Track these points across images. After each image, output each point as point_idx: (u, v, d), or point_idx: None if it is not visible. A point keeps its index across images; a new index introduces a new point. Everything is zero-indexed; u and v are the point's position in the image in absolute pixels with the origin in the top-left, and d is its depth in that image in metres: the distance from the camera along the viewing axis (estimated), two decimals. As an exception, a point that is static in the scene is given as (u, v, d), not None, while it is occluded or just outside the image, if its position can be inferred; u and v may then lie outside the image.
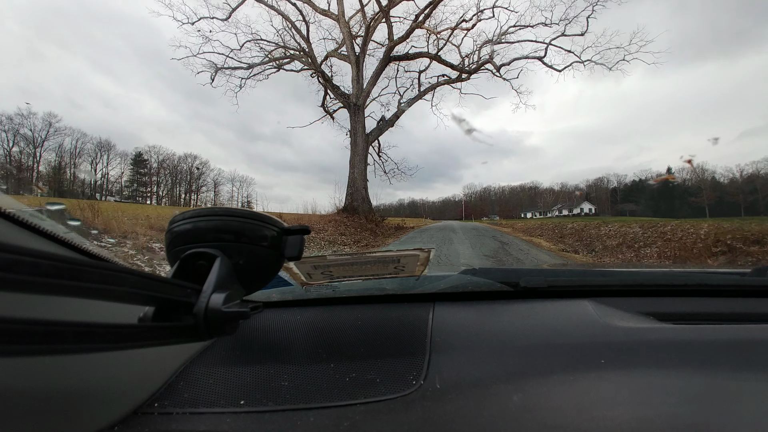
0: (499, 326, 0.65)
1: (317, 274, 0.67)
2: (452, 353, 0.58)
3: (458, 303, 0.75)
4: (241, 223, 0.43)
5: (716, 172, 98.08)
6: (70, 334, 0.22)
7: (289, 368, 0.56)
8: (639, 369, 0.51)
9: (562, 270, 1.15)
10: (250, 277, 0.45)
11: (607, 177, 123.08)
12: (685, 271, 0.98)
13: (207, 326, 0.35)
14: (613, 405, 0.43)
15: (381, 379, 0.53)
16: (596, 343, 0.57)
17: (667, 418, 0.39)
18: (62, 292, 0.22)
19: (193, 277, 0.39)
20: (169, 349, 0.54)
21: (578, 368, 0.52)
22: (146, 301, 0.31)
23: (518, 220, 49.17)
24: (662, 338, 0.57)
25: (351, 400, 0.49)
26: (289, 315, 0.71)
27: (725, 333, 0.59)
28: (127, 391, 0.46)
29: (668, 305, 0.74)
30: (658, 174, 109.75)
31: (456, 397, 0.47)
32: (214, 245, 0.41)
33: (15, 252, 0.19)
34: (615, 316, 0.66)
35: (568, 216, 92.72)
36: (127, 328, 0.27)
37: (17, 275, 0.19)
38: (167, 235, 0.44)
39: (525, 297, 0.77)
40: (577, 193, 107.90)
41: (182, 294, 0.35)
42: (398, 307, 0.74)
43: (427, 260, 0.67)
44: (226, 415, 0.47)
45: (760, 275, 0.80)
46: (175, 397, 0.50)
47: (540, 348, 0.58)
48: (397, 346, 0.60)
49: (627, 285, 0.81)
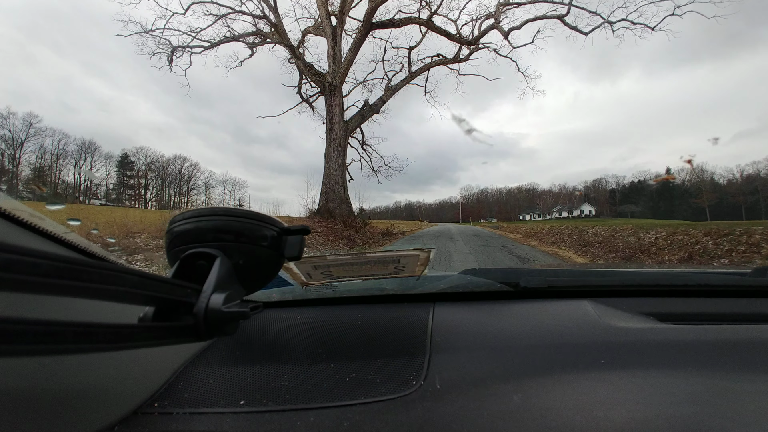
0: (499, 326, 0.65)
1: (317, 274, 0.67)
2: (452, 353, 0.58)
3: (458, 303, 0.75)
4: (241, 223, 0.43)
5: (715, 172, 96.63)
6: (70, 334, 0.22)
7: (289, 368, 0.56)
8: (639, 369, 0.50)
9: (563, 270, 1.14)
10: (250, 277, 0.44)
11: (605, 178, 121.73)
12: (686, 271, 0.96)
13: (207, 326, 0.35)
14: (613, 405, 0.42)
15: (381, 380, 0.53)
16: (596, 344, 0.57)
17: (667, 418, 0.39)
18: (62, 292, 0.22)
19: (193, 277, 0.39)
20: (169, 349, 0.55)
21: (578, 368, 0.52)
22: (146, 301, 0.31)
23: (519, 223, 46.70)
24: (662, 338, 0.57)
25: (351, 400, 0.49)
26: (289, 315, 0.71)
27: (726, 333, 0.58)
28: (127, 391, 0.46)
29: (669, 305, 0.73)
30: (656, 175, 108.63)
31: (456, 398, 0.47)
32: (214, 245, 0.41)
33: (15, 252, 0.19)
34: (615, 317, 0.66)
35: (569, 218, 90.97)
36: (127, 328, 0.27)
37: (17, 275, 0.19)
38: (167, 235, 0.44)
39: (525, 297, 0.77)
40: (576, 194, 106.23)
41: (182, 294, 0.34)
42: (398, 307, 0.74)
43: (428, 260, 0.67)
44: (226, 415, 0.47)
45: (761, 275, 0.79)
46: (175, 397, 0.50)
47: (540, 348, 0.57)
48: (397, 346, 0.60)
49: (627, 285, 0.80)
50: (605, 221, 18.04)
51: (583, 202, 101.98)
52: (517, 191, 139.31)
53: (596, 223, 13.14)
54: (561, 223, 18.04)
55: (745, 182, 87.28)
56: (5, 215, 0.36)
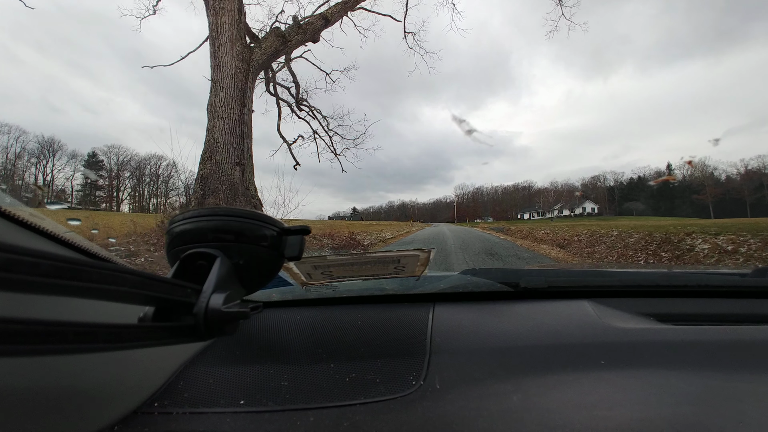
0: (499, 327, 0.65)
1: (317, 274, 0.67)
2: (452, 354, 0.58)
3: (458, 303, 0.75)
4: (242, 223, 0.43)
5: (717, 168, 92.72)
6: (70, 334, 0.22)
7: (289, 368, 0.56)
8: (639, 370, 0.50)
9: (563, 270, 1.14)
10: (250, 277, 0.44)
11: (603, 175, 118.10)
12: (685, 271, 0.95)
13: (207, 326, 0.35)
14: (613, 405, 0.42)
15: (381, 380, 0.53)
16: (596, 344, 0.57)
17: (666, 418, 0.39)
18: (62, 292, 0.22)
19: (193, 277, 0.38)
20: (169, 349, 0.55)
21: (578, 369, 0.51)
22: (146, 301, 0.31)
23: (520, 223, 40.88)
24: (662, 339, 0.57)
25: (351, 400, 0.49)
26: (289, 315, 0.70)
27: (725, 334, 0.58)
28: (127, 391, 0.46)
29: (668, 306, 0.73)
30: (656, 171, 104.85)
31: (456, 398, 0.47)
32: (214, 245, 0.41)
33: (15, 252, 0.19)
34: (615, 317, 0.66)
35: (571, 217, 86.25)
36: (127, 328, 0.27)
37: (17, 275, 0.19)
38: (167, 236, 0.43)
39: (525, 297, 0.77)
40: (577, 194, 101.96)
41: (182, 294, 0.34)
42: (398, 307, 0.74)
43: (428, 260, 0.67)
44: (226, 415, 0.47)
45: (761, 276, 0.78)
46: (175, 397, 0.50)
47: (540, 348, 0.57)
48: (397, 347, 0.60)
49: (627, 286, 0.79)
50: (613, 219, 12.97)
51: (585, 200, 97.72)
52: (513, 189, 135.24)
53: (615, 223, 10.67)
54: (577, 223, 13.59)
55: (744, 178, 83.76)
56: (5, 215, 0.37)
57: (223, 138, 6.53)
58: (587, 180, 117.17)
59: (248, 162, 7.02)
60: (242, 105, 6.78)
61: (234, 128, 6.64)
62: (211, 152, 6.51)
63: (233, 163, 6.57)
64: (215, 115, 6.60)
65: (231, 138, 6.59)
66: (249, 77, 7.02)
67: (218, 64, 6.70)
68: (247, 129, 7.00)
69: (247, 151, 6.99)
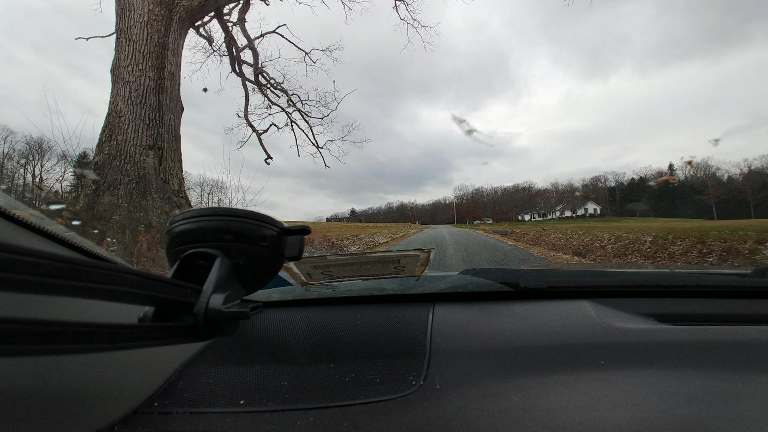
0: (499, 327, 0.64)
1: (317, 274, 0.67)
2: (452, 354, 0.58)
3: (458, 303, 0.75)
4: (242, 223, 0.42)
5: (720, 168, 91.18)
6: (70, 334, 0.22)
7: (289, 368, 0.56)
8: (639, 370, 0.51)
9: (563, 270, 1.13)
10: (250, 277, 0.44)
11: (604, 175, 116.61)
12: (685, 272, 0.95)
13: (207, 326, 0.35)
14: (613, 405, 0.43)
15: (381, 380, 0.53)
16: (596, 344, 0.57)
17: (666, 418, 0.39)
18: (62, 292, 0.22)
19: (193, 277, 0.38)
20: (169, 349, 0.55)
21: (578, 369, 0.52)
22: (146, 301, 0.31)
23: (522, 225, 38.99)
24: (662, 339, 0.57)
25: (351, 400, 0.49)
26: (289, 315, 0.70)
27: (725, 334, 0.58)
28: (127, 391, 0.47)
29: (668, 306, 0.73)
30: (657, 172, 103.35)
31: (456, 398, 0.47)
32: (214, 245, 0.41)
33: (15, 252, 0.19)
34: (615, 317, 0.66)
35: (573, 218, 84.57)
36: (127, 328, 0.27)
37: (17, 275, 0.19)
38: (167, 236, 0.43)
39: (525, 297, 0.76)
40: (577, 194, 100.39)
41: (182, 294, 0.34)
42: (398, 307, 0.74)
43: (428, 261, 0.67)
44: (225, 414, 0.47)
45: (760, 276, 0.78)
46: (175, 396, 0.50)
47: (540, 348, 0.57)
48: (397, 347, 0.60)
49: (627, 286, 0.79)
50: (618, 221, 11.20)
51: (587, 201, 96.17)
52: (513, 190, 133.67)
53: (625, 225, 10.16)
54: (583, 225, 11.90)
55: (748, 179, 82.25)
56: (5, 215, 0.37)
57: (129, 111, 4.63)
58: (588, 181, 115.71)
59: (171, 146, 5.08)
60: (160, 66, 4.89)
61: (147, 98, 4.73)
62: (111, 130, 4.62)
63: (144, 147, 4.68)
64: (119, 79, 4.72)
65: (141, 110, 4.69)
66: (172, 28, 5.14)
67: (123, 8, 4.82)
68: (169, 100, 5.09)
69: (169, 130, 5.09)
